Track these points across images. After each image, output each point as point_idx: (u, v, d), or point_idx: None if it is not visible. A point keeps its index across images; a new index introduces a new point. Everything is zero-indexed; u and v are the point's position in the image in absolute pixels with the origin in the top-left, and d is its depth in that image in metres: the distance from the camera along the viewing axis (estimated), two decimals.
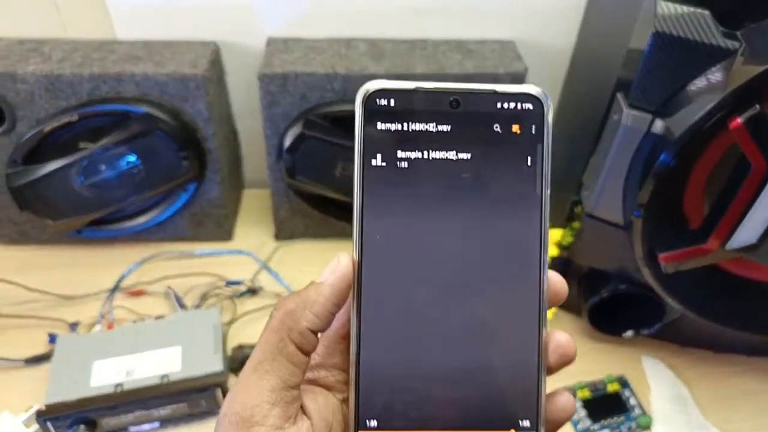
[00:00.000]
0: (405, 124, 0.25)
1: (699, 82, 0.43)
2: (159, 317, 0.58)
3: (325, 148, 0.61)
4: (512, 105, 0.25)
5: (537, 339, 0.25)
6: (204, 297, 0.62)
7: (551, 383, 0.26)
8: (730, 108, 0.40)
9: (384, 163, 0.25)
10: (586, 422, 0.54)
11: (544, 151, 0.25)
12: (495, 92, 0.25)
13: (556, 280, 0.25)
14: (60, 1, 0.64)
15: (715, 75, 0.42)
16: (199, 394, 0.51)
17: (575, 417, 0.55)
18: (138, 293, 0.63)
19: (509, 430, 0.25)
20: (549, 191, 0.25)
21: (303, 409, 0.24)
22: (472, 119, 0.25)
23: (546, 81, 0.70)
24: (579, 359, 0.62)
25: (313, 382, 0.26)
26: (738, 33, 0.41)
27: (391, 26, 0.66)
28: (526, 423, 0.25)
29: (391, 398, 0.25)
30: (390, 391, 0.25)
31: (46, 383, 0.52)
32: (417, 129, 0.25)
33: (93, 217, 0.65)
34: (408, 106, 0.25)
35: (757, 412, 0.56)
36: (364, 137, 0.25)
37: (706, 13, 0.41)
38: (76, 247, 0.68)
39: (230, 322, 0.60)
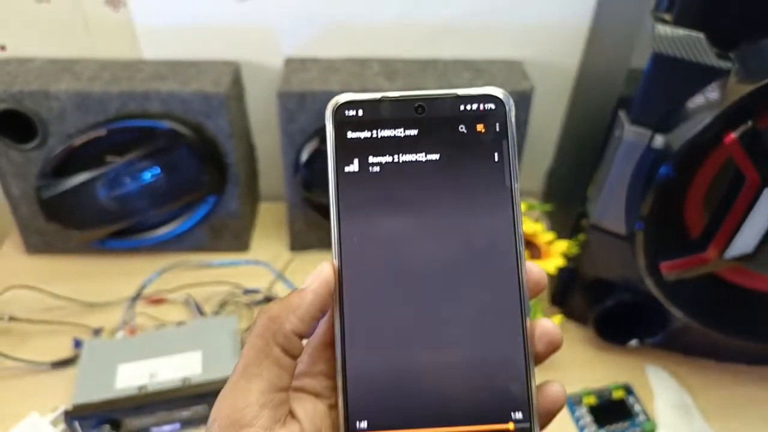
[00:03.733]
0: (374, 132, 0.26)
1: (697, 100, 0.46)
2: (180, 323, 0.61)
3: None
4: (475, 106, 0.26)
5: (521, 329, 0.25)
6: (222, 305, 0.65)
7: (562, 379, 0.26)
8: (725, 124, 0.43)
9: (357, 169, 0.26)
10: (592, 428, 0.56)
11: (509, 146, 0.26)
12: (457, 96, 0.26)
13: (534, 270, 0.26)
14: (90, 23, 0.67)
15: (711, 93, 0.45)
16: None
17: (582, 423, 0.56)
18: (159, 301, 0.66)
19: (502, 423, 0.24)
20: (518, 185, 0.26)
21: (292, 414, 0.24)
22: (438, 122, 0.26)
23: (552, 99, 0.73)
24: (585, 367, 0.64)
25: (300, 390, 0.26)
26: (731, 54, 0.44)
27: (404, 47, 0.70)
28: (519, 415, 0.24)
29: (379, 399, 0.24)
30: (378, 392, 0.24)
31: (71, 386, 0.54)
32: (386, 135, 0.26)
33: (116, 228, 0.68)
34: (376, 115, 0.26)
35: (760, 419, 0.58)
36: (336, 146, 0.26)
37: (701, 35, 0.44)
38: (100, 257, 0.71)
39: (248, 329, 0.63)
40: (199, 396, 0.53)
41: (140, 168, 0.65)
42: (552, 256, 0.59)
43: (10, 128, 0.62)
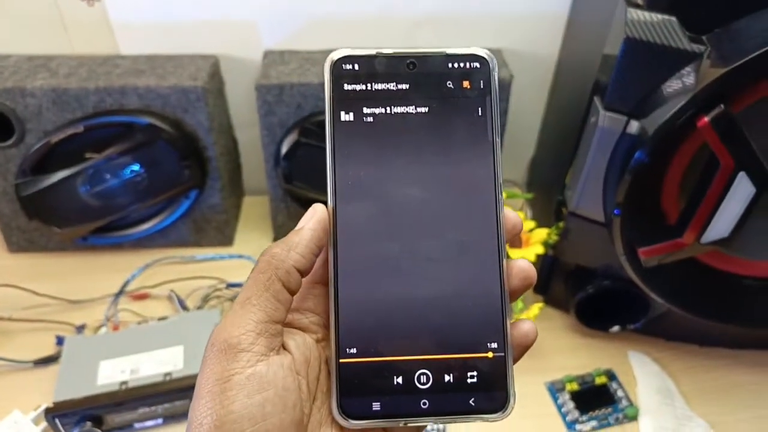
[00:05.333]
0: (368, 85, 0.28)
1: (672, 84, 0.46)
2: (162, 318, 0.61)
3: (320, 154, 0.62)
4: (462, 65, 0.28)
5: (498, 267, 0.27)
6: (205, 299, 0.65)
7: (538, 368, 0.27)
8: (698, 108, 0.42)
9: (352, 119, 0.28)
10: (575, 414, 0.56)
11: (492, 103, 0.28)
12: (446, 54, 0.28)
13: (511, 216, 0.28)
14: (67, 19, 0.67)
15: (685, 78, 0.45)
16: None
17: (564, 409, 0.56)
18: (142, 296, 0.65)
19: (482, 353, 0.26)
20: (500, 139, 0.28)
21: (284, 346, 0.26)
22: (428, 78, 0.28)
23: (533, 88, 0.73)
24: (567, 354, 0.65)
25: (290, 324, 0.27)
26: (704, 37, 0.44)
27: (384, 38, 0.69)
28: (494, 345, 0.26)
29: (368, 329, 0.27)
30: (367, 322, 0.27)
31: (53, 383, 0.54)
32: (379, 88, 0.28)
33: (98, 225, 0.68)
34: (371, 69, 0.28)
35: (742, 403, 0.58)
36: (333, 97, 0.28)
37: (673, 19, 0.44)
38: (82, 254, 0.71)
39: None
40: (181, 390, 0.53)
41: (120, 164, 0.65)
42: (532, 244, 0.59)
43: None
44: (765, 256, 0.52)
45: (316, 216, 0.27)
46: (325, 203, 0.28)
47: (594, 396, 0.58)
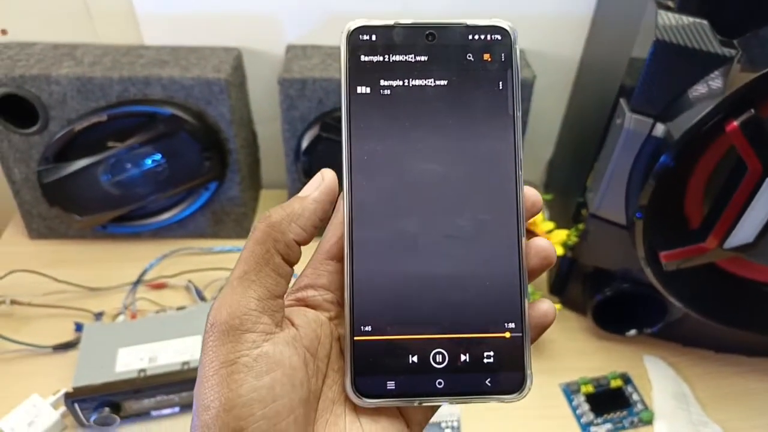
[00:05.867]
0: (386, 56, 0.27)
1: (700, 88, 0.46)
2: (180, 308, 0.61)
3: (341, 149, 0.64)
4: (482, 36, 0.27)
5: (517, 246, 0.26)
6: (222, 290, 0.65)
7: (553, 369, 0.27)
8: (727, 112, 0.42)
9: (368, 91, 0.27)
10: (590, 416, 0.56)
11: (513, 76, 0.27)
12: (466, 26, 0.27)
13: (530, 193, 0.27)
14: (92, 8, 0.67)
15: (714, 81, 0.45)
16: None
17: (579, 411, 0.56)
18: (160, 286, 0.66)
19: (499, 333, 0.26)
20: (520, 113, 0.27)
21: (291, 321, 0.25)
22: (447, 50, 0.27)
23: (554, 89, 0.73)
24: (583, 356, 0.65)
25: (302, 301, 0.26)
26: (735, 41, 0.44)
27: None
28: (512, 325, 0.26)
29: (384, 306, 0.26)
30: (382, 300, 0.26)
31: (72, 369, 0.55)
32: (397, 60, 0.27)
33: (118, 214, 0.68)
34: (388, 40, 0.27)
35: (757, 410, 0.58)
36: (349, 68, 0.27)
37: (705, 22, 0.43)
38: (102, 242, 0.71)
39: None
40: None
41: (142, 154, 0.65)
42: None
43: (12, 112, 0.62)
44: None
45: (324, 184, 0.26)
46: (340, 178, 0.27)
47: (609, 399, 0.57)
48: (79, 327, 0.60)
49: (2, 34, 0.68)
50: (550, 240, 0.59)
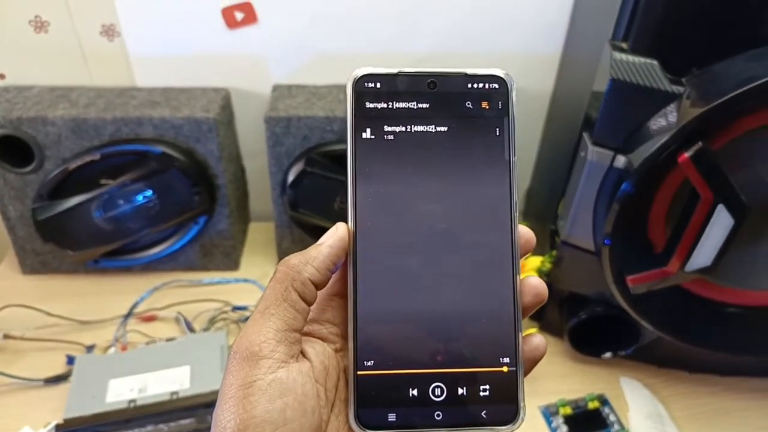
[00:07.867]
0: (390, 103, 0.29)
1: (657, 122, 0.49)
2: (169, 339, 0.63)
3: (325, 183, 0.67)
4: (481, 85, 0.29)
5: (512, 285, 0.28)
6: (212, 321, 0.67)
7: (533, 391, 0.28)
8: (678, 144, 0.45)
9: (373, 136, 0.29)
10: None
11: (510, 123, 0.29)
12: (465, 74, 0.29)
13: (524, 231, 0.29)
14: (87, 52, 0.71)
15: (670, 116, 0.48)
16: (207, 410, 0.55)
17: None
18: (150, 318, 0.68)
19: (496, 367, 0.27)
20: (516, 158, 0.29)
21: (303, 354, 0.27)
22: (447, 98, 0.29)
23: (529, 122, 0.76)
24: (561, 379, 0.66)
25: (309, 335, 0.29)
26: (684, 79, 0.47)
27: None
28: (507, 360, 0.27)
29: (385, 342, 0.27)
30: (384, 336, 0.27)
31: (63, 401, 0.56)
32: (400, 107, 0.29)
33: (110, 248, 0.70)
34: (392, 87, 0.29)
35: (731, 429, 0.60)
36: (355, 114, 0.28)
37: (655, 62, 0.47)
38: (93, 276, 0.73)
39: None
40: (187, 409, 0.55)
41: (133, 190, 0.68)
42: (527, 271, 0.61)
43: (8, 153, 0.64)
44: (747, 285, 0.55)
45: (337, 234, 0.28)
46: (345, 221, 0.29)
47: (587, 420, 0.59)
48: (70, 360, 0.62)
49: (0, 78, 0.71)
50: (525, 266, 0.62)
